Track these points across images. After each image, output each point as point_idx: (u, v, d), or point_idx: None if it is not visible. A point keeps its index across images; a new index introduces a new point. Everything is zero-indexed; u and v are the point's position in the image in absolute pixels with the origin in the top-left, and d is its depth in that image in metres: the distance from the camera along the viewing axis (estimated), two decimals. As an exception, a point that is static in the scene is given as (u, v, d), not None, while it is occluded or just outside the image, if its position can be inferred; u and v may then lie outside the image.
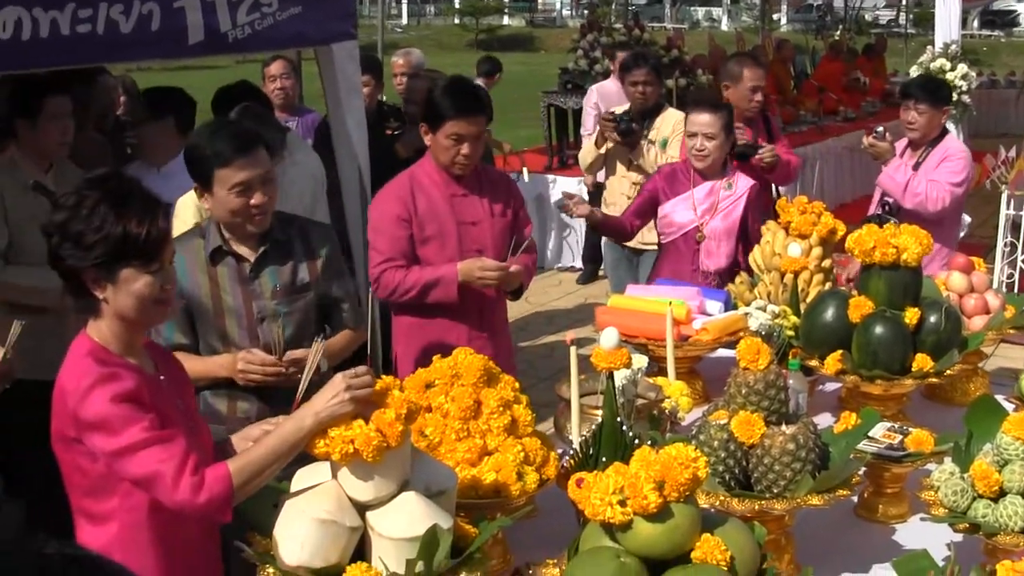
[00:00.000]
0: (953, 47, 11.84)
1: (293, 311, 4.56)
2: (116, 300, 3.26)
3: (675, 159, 7.76)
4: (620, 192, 8.58)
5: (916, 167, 7.00)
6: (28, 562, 0.88)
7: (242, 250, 4.53)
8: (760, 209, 6.49)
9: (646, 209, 6.66)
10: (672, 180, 6.56)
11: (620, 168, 8.65)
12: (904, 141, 7.23)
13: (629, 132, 8.30)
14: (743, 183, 6.46)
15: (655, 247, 7.00)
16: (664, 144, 8.32)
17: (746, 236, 6.35)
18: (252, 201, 4.37)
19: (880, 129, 7.10)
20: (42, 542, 0.92)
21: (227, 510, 3.19)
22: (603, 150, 8.65)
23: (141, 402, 3.21)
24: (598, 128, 8.66)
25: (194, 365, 4.28)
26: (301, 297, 4.59)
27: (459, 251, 5.41)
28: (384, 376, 3.32)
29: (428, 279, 5.34)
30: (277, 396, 4.35)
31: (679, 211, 6.47)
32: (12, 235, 5.65)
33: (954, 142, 7.13)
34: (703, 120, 6.35)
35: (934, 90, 7.19)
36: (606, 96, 10.82)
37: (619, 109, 8.66)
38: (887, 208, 7.14)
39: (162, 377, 3.48)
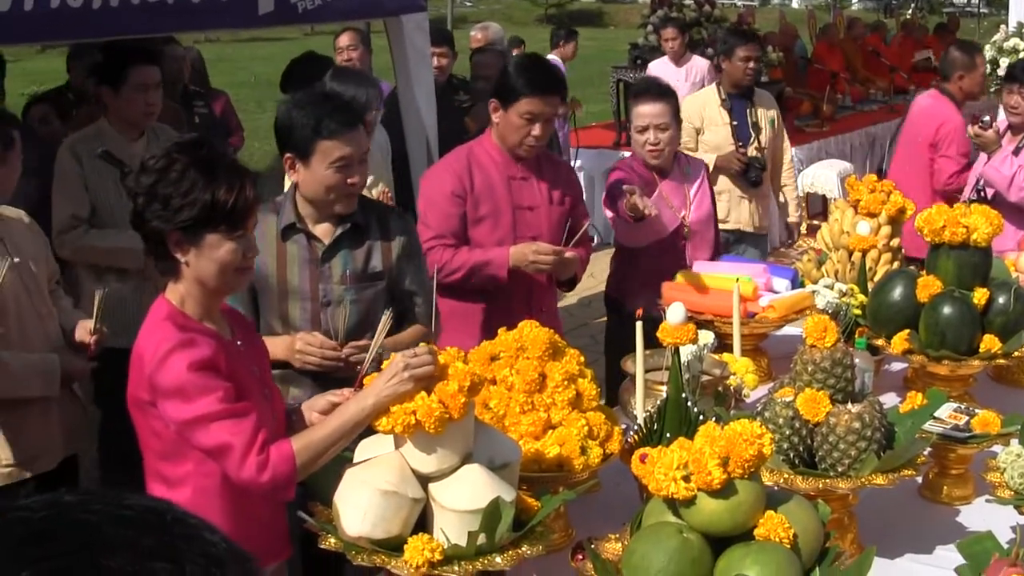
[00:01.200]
0: (1027, 27, 11.68)
1: (361, 299, 4.41)
2: (198, 264, 3.26)
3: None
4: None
5: (1017, 152, 6.89)
6: (108, 508, 0.89)
7: (317, 230, 4.40)
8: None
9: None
10: (636, 180, 5.86)
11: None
12: (1004, 123, 7.12)
13: (758, 183, 7.96)
14: (696, 165, 6.25)
15: None
16: (773, 123, 8.13)
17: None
18: (350, 179, 4.24)
19: (987, 118, 6.96)
20: (121, 493, 0.93)
21: (291, 489, 3.26)
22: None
23: (217, 369, 3.24)
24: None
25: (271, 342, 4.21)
26: (371, 285, 4.44)
27: (512, 235, 5.27)
28: (449, 348, 3.34)
29: (477, 260, 5.19)
30: (332, 383, 4.11)
31: (660, 212, 5.76)
32: (93, 201, 5.71)
33: None
34: (654, 111, 5.88)
35: None
36: (661, 75, 10.70)
37: (715, 114, 8.20)
38: (982, 194, 7.03)
39: (239, 343, 3.50)
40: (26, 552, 0.83)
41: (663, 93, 6.00)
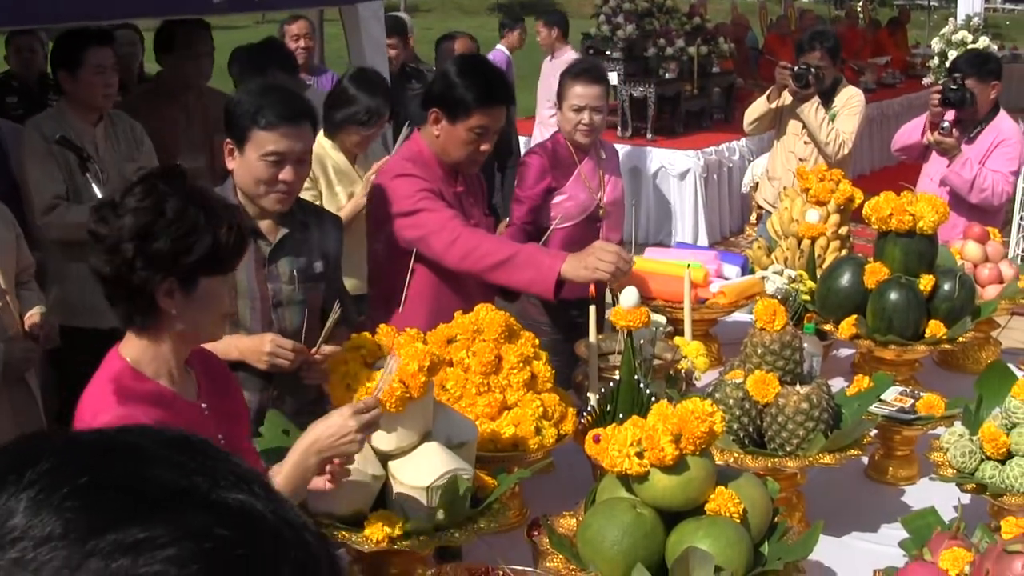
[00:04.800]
0: (975, 20, 11.84)
1: (308, 299, 4.20)
2: (187, 315, 2.85)
3: (846, 133, 7.69)
4: (789, 151, 8.02)
5: (969, 141, 6.96)
6: (147, 433, 0.97)
7: (261, 227, 4.15)
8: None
9: (540, 204, 5.78)
10: (556, 162, 5.83)
11: (792, 126, 8.02)
12: (954, 115, 7.20)
13: (806, 83, 7.67)
14: (609, 149, 6.22)
15: None
16: (833, 116, 7.83)
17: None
18: (281, 175, 3.99)
19: (946, 124, 7.03)
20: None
21: None
22: (776, 104, 8.01)
23: None
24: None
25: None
26: (316, 287, 4.24)
27: None
28: (408, 329, 3.40)
29: (530, 253, 4.49)
30: (284, 385, 4.07)
31: (577, 193, 5.81)
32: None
33: (1007, 123, 7.02)
34: (592, 93, 5.77)
35: (981, 64, 7.07)
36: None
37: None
38: None
39: (203, 405, 3.06)
40: (84, 462, 0.90)
41: (601, 76, 5.97)
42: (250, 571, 0.87)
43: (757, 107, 8.19)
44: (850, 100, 7.83)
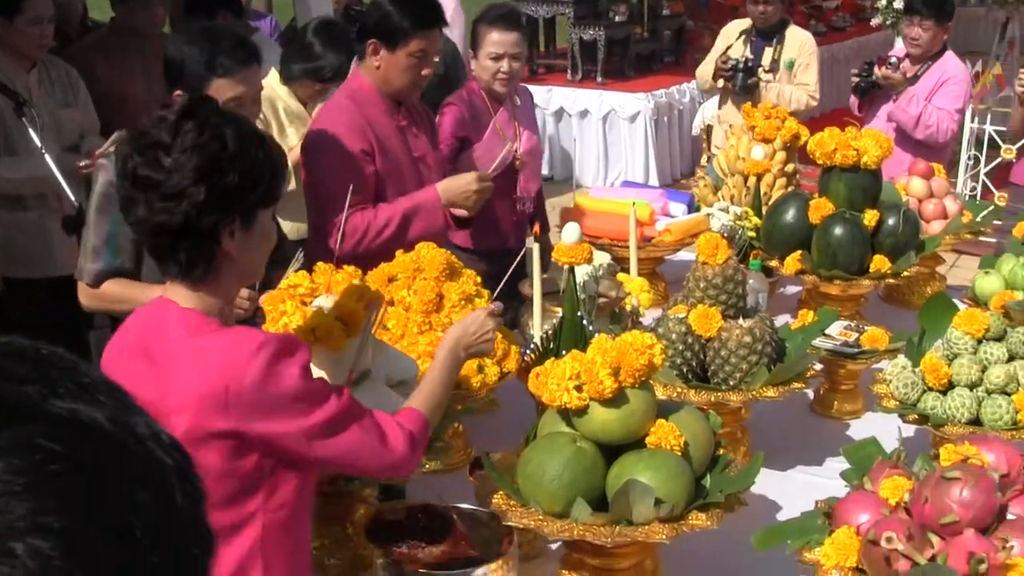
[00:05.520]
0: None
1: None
2: (247, 252, 2.58)
3: (807, 86, 7.68)
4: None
5: (914, 80, 6.99)
6: None
7: None
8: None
9: (456, 155, 5.59)
10: (474, 115, 5.65)
11: (736, 99, 7.81)
12: (903, 52, 7.21)
13: (747, 89, 7.65)
14: (524, 94, 6.05)
15: None
16: (791, 66, 7.79)
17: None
18: None
19: (893, 60, 7.04)
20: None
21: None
22: (720, 84, 7.97)
23: None
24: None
25: (145, 294, 3.65)
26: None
27: (415, 191, 4.75)
28: (346, 267, 3.37)
29: (406, 209, 4.60)
30: None
31: (494, 146, 5.50)
32: None
33: (953, 61, 7.06)
34: (511, 39, 5.56)
35: (939, 6, 7.08)
36: None
37: (737, 51, 7.96)
38: None
39: None
40: None
41: (518, 22, 5.78)
42: (85, 484, 0.84)
43: (705, 77, 8.20)
44: (803, 47, 7.83)
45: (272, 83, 5.69)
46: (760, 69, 7.67)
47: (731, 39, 8.02)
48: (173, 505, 0.90)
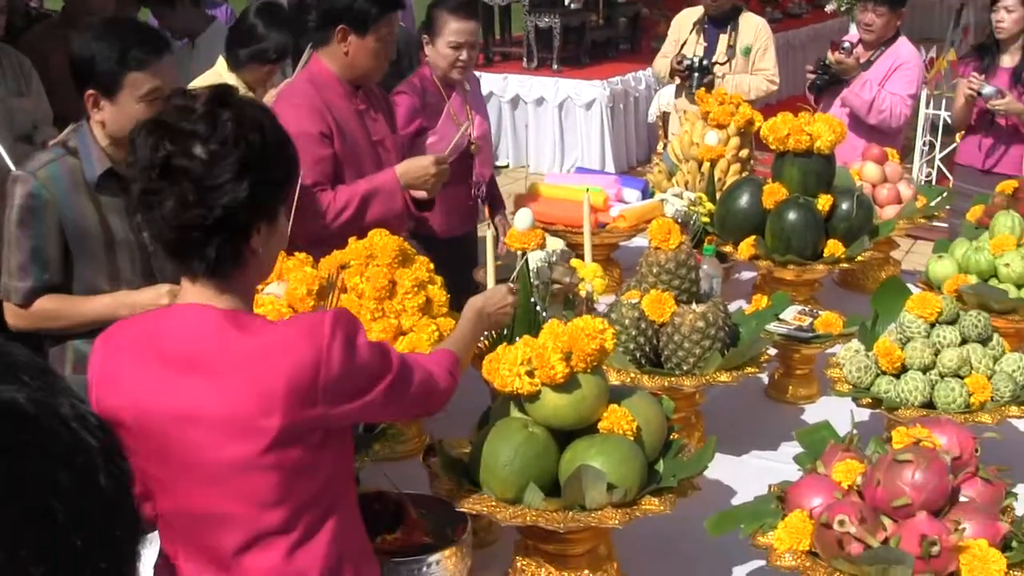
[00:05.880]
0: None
1: None
2: (269, 249, 2.50)
3: (766, 71, 7.65)
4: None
5: (867, 65, 6.99)
6: None
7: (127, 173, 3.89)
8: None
9: (410, 144, 5.54)
10: (426, 102, 5.64)
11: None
12: (856, 37, 7.22)
13: (704, 88, 7.33)
14: (472, 80, 6.02)
15: None
16: (747, 52, 7.76)
17: None
18: None
19: (847, 45, 7.05)
20: None
21: None
22: (678, 81, 7.89)
23: None
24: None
25: (83, 307, 3.77)
26: None
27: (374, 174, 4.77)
28: (297, 254, 3.35)
29: (365, 191, 4.62)
30: None
31: (449, 131, 5.48)
32: None
33: (906, 47, 7.07)
34: (470, 28, 5.57)
35: None
36: None
37: (691, 46, 7.92)
38: None
39: None
40: None
41: (476, 10, 5.83)
42: (3, 465, 0.82)
43: (662, 73, 8.17)
44: (758, 33, 7.80)
45: (221, 71, 5.69)
46: (715, 65, 7.64)
47: (683, 28, 7.99)
48: (97, 487, 0.88)
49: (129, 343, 2.46)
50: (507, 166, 12.84)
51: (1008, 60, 6.79)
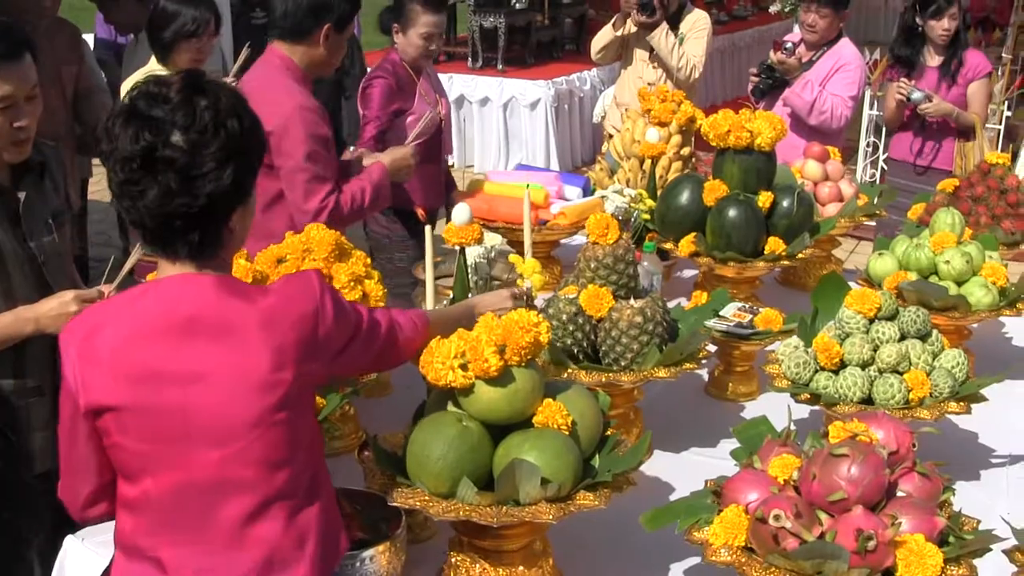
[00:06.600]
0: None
1: (64, 240, 3.73)
2: (243, 226, 2.54)
3: (696, 57, 7.62)
4: (637, 76, 7.86)
5: (809, 66, 6.99)
6: None
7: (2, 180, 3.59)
8: None
9: (388, 125, 5.84)
10: (400, 85, 5.90)
11: (640, 54, 7.88)
12: (799, 37, 7.21)
13: (652, 10, 7.54)
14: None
15: None
16: (681, 40, 7.74)
17: None
18: (16, 123, 3.46)
19: (789, 45, 7.04)
20: None
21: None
22: (621, 32, 7.89)
23: None
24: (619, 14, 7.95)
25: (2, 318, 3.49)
26: (67, 222, 3.77)
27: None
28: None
29: (374, 184, 4.75)
30: None
31: (423, 110, 5.73)
32: None
33: (848, 48, 7.06)
34: (440, 20, 5.92)
35: None
36: None
37: None
38: None
39: None
40: None
41: (445, 3, 6.10)
42: None
43: (603, 35, 8.12)
44: (696, 23, 7.77)
45: (154, 69, 5.65)
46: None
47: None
48: None
49: (103, 328, 2.45)
50: (452, 166, 12.79)
51: (932, 60, 6.93)
